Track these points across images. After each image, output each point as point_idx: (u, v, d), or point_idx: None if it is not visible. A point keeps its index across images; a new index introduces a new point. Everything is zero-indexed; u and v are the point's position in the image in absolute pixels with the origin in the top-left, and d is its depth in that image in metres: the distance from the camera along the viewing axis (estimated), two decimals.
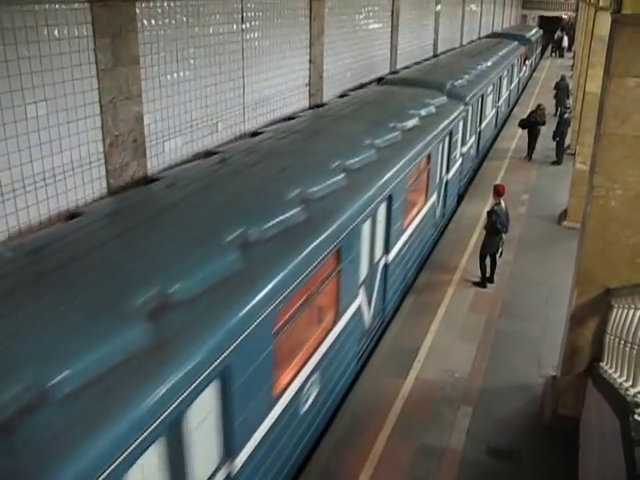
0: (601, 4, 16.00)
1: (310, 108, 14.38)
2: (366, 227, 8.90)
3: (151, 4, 9.06)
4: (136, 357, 4.54)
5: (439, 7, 26.29)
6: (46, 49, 7.48)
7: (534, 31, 45.48)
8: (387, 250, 10.15)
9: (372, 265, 9.56)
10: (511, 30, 44.73)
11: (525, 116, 21.88)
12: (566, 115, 20.74)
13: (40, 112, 7.54)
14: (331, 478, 7.57)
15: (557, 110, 20.82)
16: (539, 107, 21.43)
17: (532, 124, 20.97)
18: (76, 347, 4.42)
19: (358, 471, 7.66)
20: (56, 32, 7.58)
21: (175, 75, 9.82)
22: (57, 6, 7.54)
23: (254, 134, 11.39)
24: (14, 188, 7.30)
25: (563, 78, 30.02)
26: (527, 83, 37.97)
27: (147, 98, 9.20)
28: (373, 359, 9.77)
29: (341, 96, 15.65)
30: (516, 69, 29.85)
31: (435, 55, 26.09)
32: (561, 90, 28.16)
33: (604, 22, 14.23)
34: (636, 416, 5.59)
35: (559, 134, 20.74)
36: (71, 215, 7.45)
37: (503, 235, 12.24)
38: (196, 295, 5.34)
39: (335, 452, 7.92)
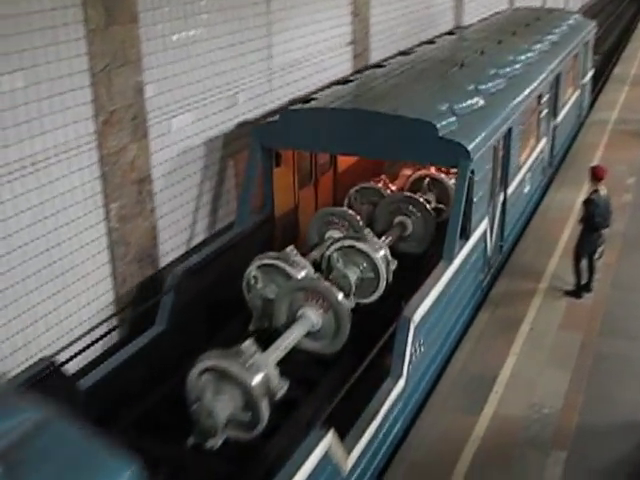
0: None
1: (356, 72, 14.32)
2: None
3: None
4: None
5: None
6: (24, 5, 7.53)
7: None
8: None
9: None
10: None
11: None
12: None
13: (17, 85, 7.61)
14: None
15: None
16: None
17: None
18: None
19: None
20: None
21: (183, 34, 9.83)
22: None
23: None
24: None
25: None
26: None
27: (148, 64, 9.24)
28: (438, 389, 9.64)
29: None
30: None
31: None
32: None
33: None
34: None
35: None
36: None
37: (603, 231, 11.99)
38: None
39: None
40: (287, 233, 11.16)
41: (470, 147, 9.88)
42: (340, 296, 8.31)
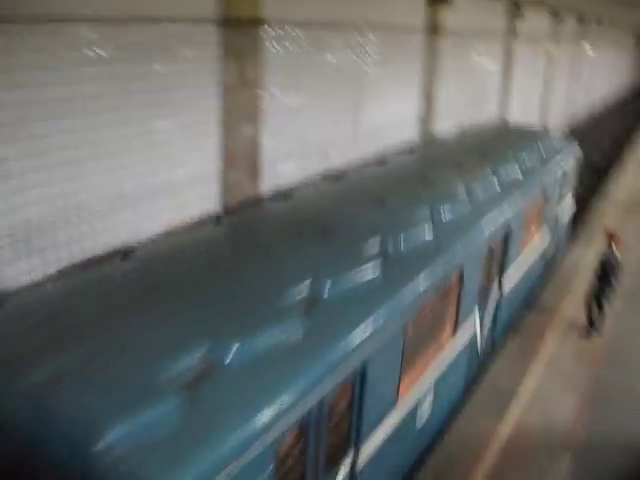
0: None
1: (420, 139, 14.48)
2: None
3: (277, 30, 9.45)
4: None
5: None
6: (178, 67, 7.94)
7: None
8: None
9: None
10: None
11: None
12: None
13: (166, 127, 7.99)
14: None
15: None
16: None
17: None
18: None
19: None
20: (187, 51, 8.03)
21: (292, 100, 10.15)
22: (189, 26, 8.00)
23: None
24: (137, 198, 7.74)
25: None
26: None
27: (264, 120, 9.54)
28: (474, 398, 9.65)
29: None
30: None
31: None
32: None
33: None
34: None
35: None
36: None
37: (614, 283, 11.88)
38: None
39: None
40: None
41: None
42: None
